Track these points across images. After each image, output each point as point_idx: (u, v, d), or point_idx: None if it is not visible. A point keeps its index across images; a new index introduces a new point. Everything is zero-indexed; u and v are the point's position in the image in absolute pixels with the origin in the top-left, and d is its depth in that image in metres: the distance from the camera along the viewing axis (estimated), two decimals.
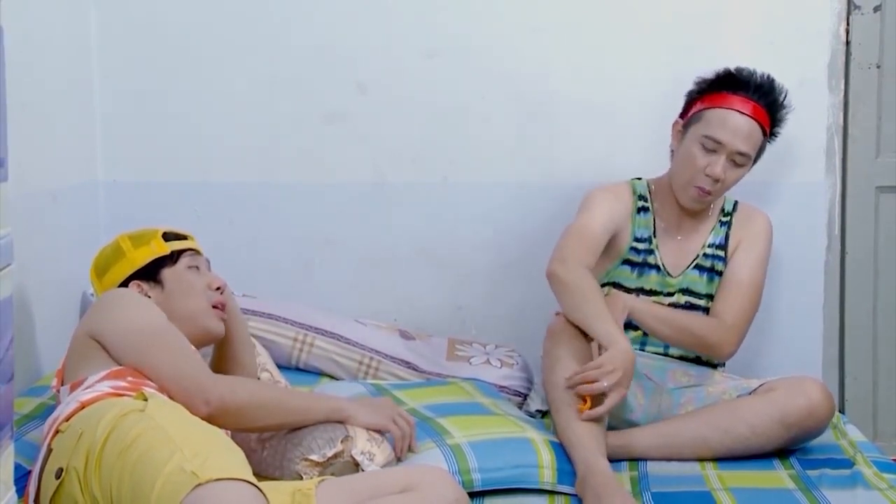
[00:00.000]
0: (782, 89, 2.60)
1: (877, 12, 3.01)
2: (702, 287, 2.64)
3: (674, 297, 2.64)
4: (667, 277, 2.64)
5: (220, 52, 3.03)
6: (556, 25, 3.00)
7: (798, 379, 2.44)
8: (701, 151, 2.53)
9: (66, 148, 2.85)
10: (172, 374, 1.95)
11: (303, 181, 3.06)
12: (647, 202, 2.68)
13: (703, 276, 2.65)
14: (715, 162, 2.52)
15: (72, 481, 1.70)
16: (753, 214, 2.70)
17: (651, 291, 2.64)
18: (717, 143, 2.52)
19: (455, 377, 2.75)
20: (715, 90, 2.58)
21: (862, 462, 2.35)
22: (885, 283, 3.09)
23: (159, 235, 2.22)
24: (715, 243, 2.67)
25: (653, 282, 2.64)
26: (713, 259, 2.66)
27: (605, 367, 2.28)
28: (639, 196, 2.68)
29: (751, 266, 2.63)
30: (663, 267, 2.64)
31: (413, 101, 3.04)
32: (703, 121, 2.55)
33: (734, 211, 2.70)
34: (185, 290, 2.17)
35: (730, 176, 2.55)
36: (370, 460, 2.08)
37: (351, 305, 3.00)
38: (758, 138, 2.55)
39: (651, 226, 2.66)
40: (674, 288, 2.64)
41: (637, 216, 2.66)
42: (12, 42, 1.54)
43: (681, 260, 2.66)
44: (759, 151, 2.59)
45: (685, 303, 2.64)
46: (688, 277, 2.65)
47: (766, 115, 2.57)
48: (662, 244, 2.65)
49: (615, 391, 2.28)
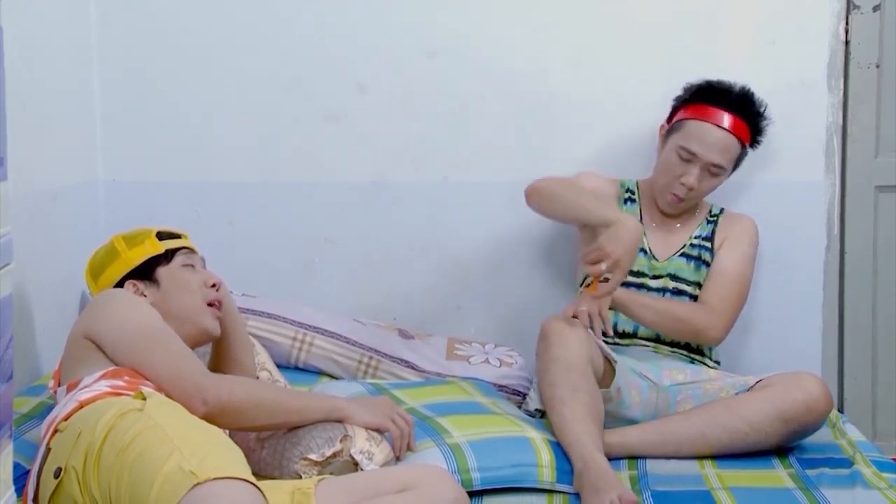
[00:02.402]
0: (761, 102, 2.68)
1: (876, 12, 3.01)
2: (689, 274, 2.71)
3: (661, 280, 2.69)
4: (653, 260, 2.71)
5: (219, 52, 3.03)
6: (555, 25, 3.00)
7: (795, 374, 2.45)
8: (678, 160, 2.63)
9: (66, 148, 2.85)
10: (169, 373, 1.94)
11: (303, 181, 3.06)
12: (634, 196, 2.79)
13: (690, 263, 2.72)
14: (690, 172, 2.62)
15: (70, 481, 1.70)
16: (739, 217, 2.81)
17: (638, 273, 2.69)
18: (693, 155, 2.61)
19: (454, 376, 2.75)
20: (697, 101, 2.66)
21: (861, 461, 2.35)
22: (885, 282, 3.09)
23: (153, 235, 2.22)
24: (702, 235, 2.75)
25: (639, 264, 2.69)
26: (700, 249, 2.73)
27: (605, 247, 2.35)
28: (626, 189, 2.79)
29: (736, 259, 2.71)
30: (649, 250, 2.72)
31: (413, 101, 3.04)
32: (683, 131, 2.64)
33: (720, 214, 2.80)
34: (180, 288, 2.17)
35: (704, 185, 2.65)
36: (369, 459, 2.08)
37: (350, 305, 3.01)
38: (734, 151, 2.65)
39: (638, 214, 2.74)
40: (660, 272, 2.70)
41: (624, 206, 2.75)
42: (12, 42, 1.54)
43: (668, 247, 2.74)
44: (738, 161, 2.69)
45: (672, 288, 2.69)
46: (674, 263, 2.72)
47: (746, 127, 2.65)
48: (649, 231, 2.74)
49: (617, 272, 2.37)
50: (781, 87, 2.95)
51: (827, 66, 3.00)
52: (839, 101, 3.02)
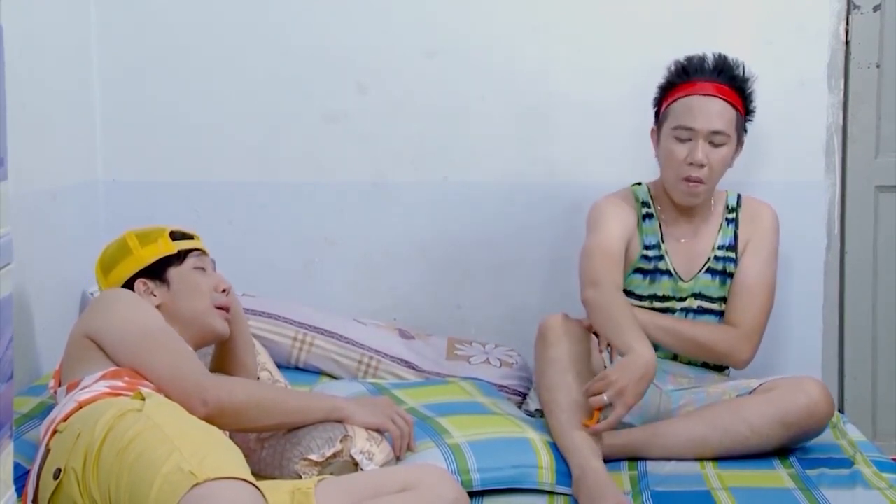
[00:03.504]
0: (738, 63, 2.58)
1: (876, 12, 3.01)
2: (714, 291, 2.63)
3: (686, 301, 2.62)
4: (679, 282, 2.62)
5: (219, 52, 3.03)
6: (555, 25, 3.00)
7: (797, 378, 2.44)
8: (677, 144, 2.54)
9: (66, 147, 2.85)
10: (170, 374, 1.94)
11: (303, 181, 3.06)
12: (650, 208, 2.66)
13: (716, 279, 2.63)
14: (694, 148, 2.51)
15: (70, 482, 1.70)
16: (759, 209, 2.69)
17: (664, 297, 2.62)
18: (689, 130, 2.52)
19: (454, 376, 2.75)
20: (675, 83, 2.59)
21: (861, 461, 2.34)
22: (885, 282, 3.09)
23: (167, 234, 2.21)
24: (724, 245, 2.65)
25: (665, 287, 2.62)
26: (724, 261, 2.64)
27: (609, 378, 2.22)
28: (642, 203, 2.67)
29: (759, 268, 2.62)
30: (675, 272, 2.62)
31: (413, 101, 3.04)
32: (671, 115, 2.56)
33: (739, 206, 2.69)
34: (190, 290, 2.17)
35: (714, 158, 2.52)
36: (369, 460, 2.08)
37: (350, 305, 3.01)
38: (730, 114, 2.54)
39: (658, 231, 2.64)
40: (686, 293, 2.62)
41: (643, 223, 2.65)
42: (12, 41, 1.54)
43: (692, 264, 2.64)
44: (740, 129, 2.58)
45: (697, 307, 2.62)
46: (700, 282, 2.63)
47: (731, 90, 2.56)
48: (671, 249, 2.64)
49: (619, 404, 2.21)
50: (781, 87, 2.95)
51: (827, 66, 3.00)
52: (839, 101, 3.01)
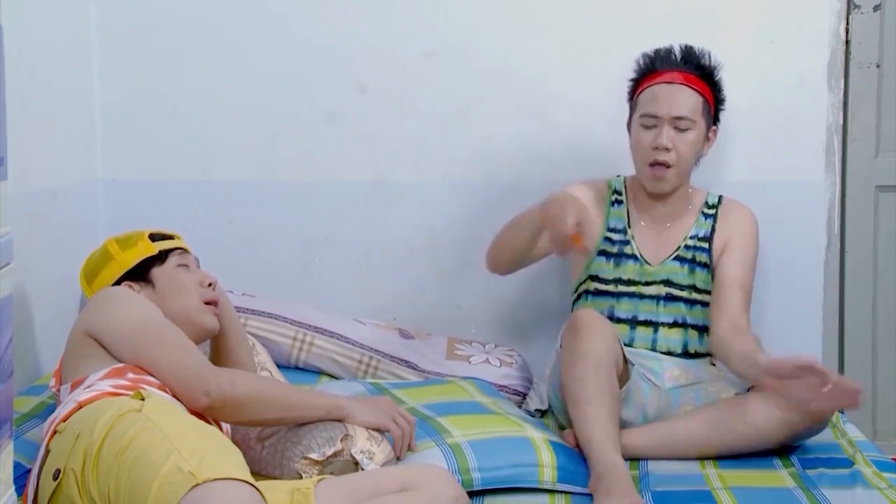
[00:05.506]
0: (704, 52, 2.62)
1: (876, 11, 3.01)
2: (683, 278, 2.64)
3: (653, 287, 2.63)
4: (644, 266, 2.64)
5: (219, 52, 3.03)
6: (555, 25, 3.00)
7: None
8: (644, 131, 2.59)
9: (66, 147, 2.85)
10: (171, 366, 1.94)
11: (303, 180, 3.06)
12: (621, 196, 2.72)
13: (685, 266, 2.64)
14: (658, 133, 2.56)
15: (69, 482, 1.70)
16: (741, 211, 2.70)
17: (629, 281, 2.64)
18: (653, 117, 2.58)
19: (454, 376, 2.75)
20: (642, 75, 2.64)
21: (861, 461, 2.35)
22: (885, 282, 3.09)
23: (146, 236, 2.23)
24: (698, 235, 2.67)
25: (630, 271, 2.64)
26: (695, 250, 2.65)
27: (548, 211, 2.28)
28: (614, 191, 2.73)
29: (747, 268, 2.64)
30: (641, 256, 2.65)
31: (413, 101, 3.04)
32: (639, 105, 2.62)
33: (719, 204, 2.71)
34: (176, 288, 2.17)
35: (680, 143, 2.57)
36: (370, 459, 2.08)
37: (350, 304, 3.00)
38: (695, 101, 2.58)
39: (625, 217, 2.69)
40: (652, 278, 2.63)
41: (611, 208, 2.70)
42: (12, 40, 1.54)
43: (660, 250, 2.66)
44: (707, 115, 2.61)
45: (666, 294, 2.63)
46: (667, 268, 2.64)
47: (698, 79, 2.60)
48: (639, 234, 2.67)
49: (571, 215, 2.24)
50: (781, 87, 2.95)
51: (827, 66, 2.99)
52: (839, 101, 3.01)
